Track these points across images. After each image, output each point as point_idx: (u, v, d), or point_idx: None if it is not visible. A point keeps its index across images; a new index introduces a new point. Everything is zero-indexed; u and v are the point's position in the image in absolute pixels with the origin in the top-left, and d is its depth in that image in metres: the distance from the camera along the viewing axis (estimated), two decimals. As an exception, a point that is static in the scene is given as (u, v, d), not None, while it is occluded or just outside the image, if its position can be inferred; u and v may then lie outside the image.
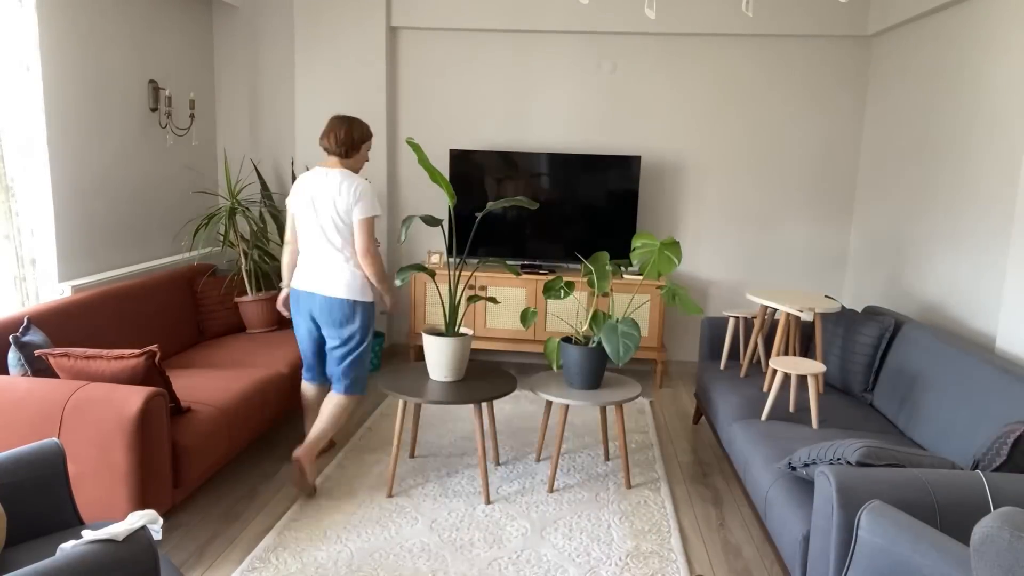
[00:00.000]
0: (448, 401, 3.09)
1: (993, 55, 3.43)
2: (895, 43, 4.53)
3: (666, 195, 5.21)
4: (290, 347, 3.91)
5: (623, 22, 4.93)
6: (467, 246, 3.83)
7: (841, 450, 2.20)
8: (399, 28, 5.17)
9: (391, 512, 3.09)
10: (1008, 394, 2.53)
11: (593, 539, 2.93)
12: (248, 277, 4.24)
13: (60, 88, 3.54)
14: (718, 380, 3.71)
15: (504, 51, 5.14)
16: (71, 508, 2.05)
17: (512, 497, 3.26)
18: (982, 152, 3.47)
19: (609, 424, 4.15)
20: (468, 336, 3.28)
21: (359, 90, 5.12)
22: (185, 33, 4.67)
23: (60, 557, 1.40)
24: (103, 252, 3.93)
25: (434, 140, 5.29)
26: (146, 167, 4.28)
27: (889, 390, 3.27)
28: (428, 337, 3.25)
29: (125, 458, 2.51)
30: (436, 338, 3.23)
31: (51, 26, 3.47)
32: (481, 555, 2.79)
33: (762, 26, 4.85)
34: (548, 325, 4.98)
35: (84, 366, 2.71)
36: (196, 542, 2.84)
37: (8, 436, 2.58)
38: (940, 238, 3.83)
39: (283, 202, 5.28)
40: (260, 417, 3.36)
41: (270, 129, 5.22)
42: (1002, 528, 1.38)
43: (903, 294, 4.23)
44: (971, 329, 3.48)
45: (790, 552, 2.35)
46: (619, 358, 3.17)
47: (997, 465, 2.15)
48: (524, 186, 5.06)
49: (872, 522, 1.75)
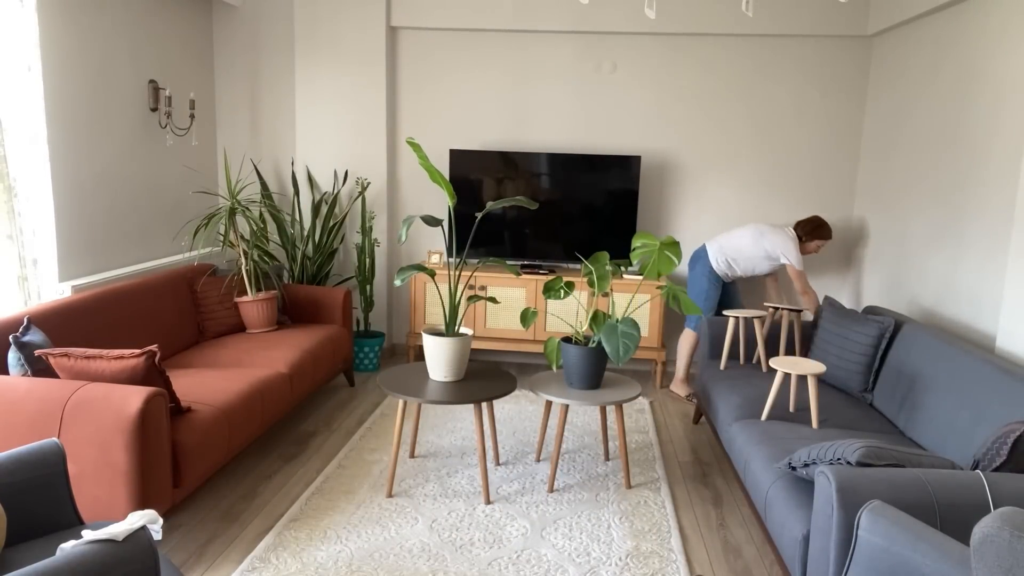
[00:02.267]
0: (448, 401, 3.09)
1: (993, 55, 3.43)
2: (895, 43, 4.53)
3: (666, 195, 5.21)
4: (290, 347, 3.91)
5: (623, 22, 4.94)
6: (467, 246, 3.83)
7: (841, 450, 2.20)
8: (399, 28, 5.17)
9: (391, 512, 3.09)
10: (1008, 394, 2.54)
11: (593, 539, 2.93)
12: (248, 277, 4.24)
13: (61, 88, 3.54)
14: (718, 380, 3.71)
15: (504, 51, 5.14)
16: (71, 508, 2.05)
17: (512, 497, 3.26)
18: (982, 152, 3.47)
19: (609, 424, 4.15)
20: (468, 336, 3.28)
21: (359, 90, 5.12)
22: (185, 33, 4.67)
23: (60, 557, 1.40)
24: (103, 252, 3.93)
25: (434, 140, 5.29)
26: (146, 167, 4.28)
27: (889, 390, 3.27)
28: (428, 337, 3.25)
29: (125, 458, 2.51)
30: (436, 338, 3.23)
31: (51, 26, 3.47)
32: (481, 555, 2.79)
33: (762, 26, 4.85)
34: (548, 325, 4.99)
35: (84, 366, 2.71)
36: (196, 542, 2.84)
37: (8, 436, 2.58)
38: (940, 238, 3.83)
39: (283, 202, 5.29)
40: (260, 417, 3.36)
41: (270, 129, 5.22)
42: (1002, 528, 1.38)
43: (903, 294, 4.23)
44: (971, 329, 3.48)
45: (790, 552, 2.35)
46: (619, 358, 3.17)
47: (997, 465, 2.15)
48: (524, 186, 5.06)
49: (872, 522, 1.75)
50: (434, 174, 3.22)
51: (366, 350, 5.04)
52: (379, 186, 5.25)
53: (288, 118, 5.22)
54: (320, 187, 5.28)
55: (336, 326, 4.47)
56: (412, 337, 5.12)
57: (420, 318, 5.08)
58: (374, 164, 5.22)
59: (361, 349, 5.03)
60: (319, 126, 5.20)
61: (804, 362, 3.18)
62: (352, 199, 5.26)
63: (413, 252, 5.45)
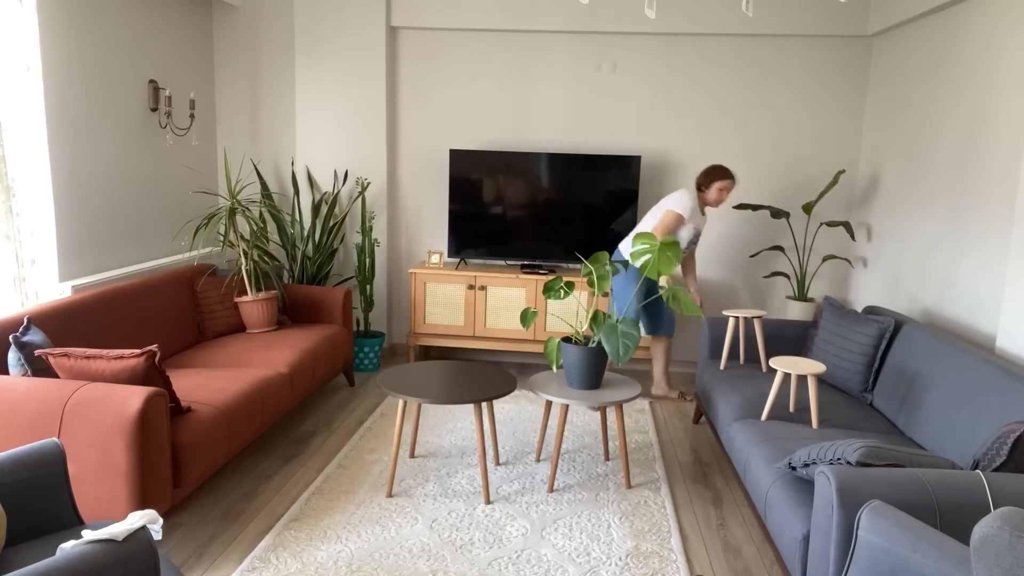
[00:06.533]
0: (448, 401, 3.09)
1: (992, 55, 3.43)
2: (895, 43, 4.53)
3: (666, 195, 5.21)
4: (290, 347, 3.91)
5: (623, 22, 4.94)
6: (465, 246, 3.83)
7: (841, 450, 2.20)
8: (399, 28, 5.17)
9: (391, 512, 3.09)
10: (1008, 394, 2.53)
11: (593, 539, 2.93)
12: (248, 277, 4.24)
13: (60, 88, 3.54)
14: (718, 380, 3.71)
15: (504, 51, 5.14)
16: (71, 508, 2.05)
17: (512, 497, 3.26)
18: (982, 152, 3.47)
19: (609, 424, 4.15)
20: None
21: (359, 90, 5.12)
22: (185, 33, 4.67)
23: (60, 557, 1.40)
24: (103, 252, 3.93)
25: (434, 140, 5.29)
26: (146, 167, 4.28)
27: (889, 390, 3.27)
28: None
29: (125, 458, 2.51)
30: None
31: (51, 26, 3.47)
32: (481, 555, 2.79)
33: (762, 26, 4.85)
34: (548, 325, 4.98)
35: (84, 366, 2.71)
36: (196, 542, 2.84)
37: (8, 436, 2.58)
38: (940, 238, 3.83)
39: (283, 202, 5.29)
40: (260, 417, 3.36)
41: (270, 129, 5.22)
42: (1002, 528, 1.38)
43: (903, 294, 4.23)
44: (971, 329, 3.48)
45: (790, 552, 2.35)
46: (619, 358, 3.17)
47: (997, 465, 2.15)
48: (524, 186, 5.06)
49: (872, 522, 1.75)
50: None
51: (366, 350, 5.04)
52: (379, 186, 5.25)
53: (288, 118, 5.22)
54: (320, 187, 5.28)
55: (336, 326, 4.47)
56: (412, 337, 5.12)
57: (420, 318, 5.07)
58: (374, 164, 5.22)
59: (361, 349, 5.03)
60: (319, 126, 5.20)
61: (804, 362, 3.18)
62: (352, 199, 5.26)
63: (413, 252, 5.45)
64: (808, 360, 3.20)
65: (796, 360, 3.21)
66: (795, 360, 3.21)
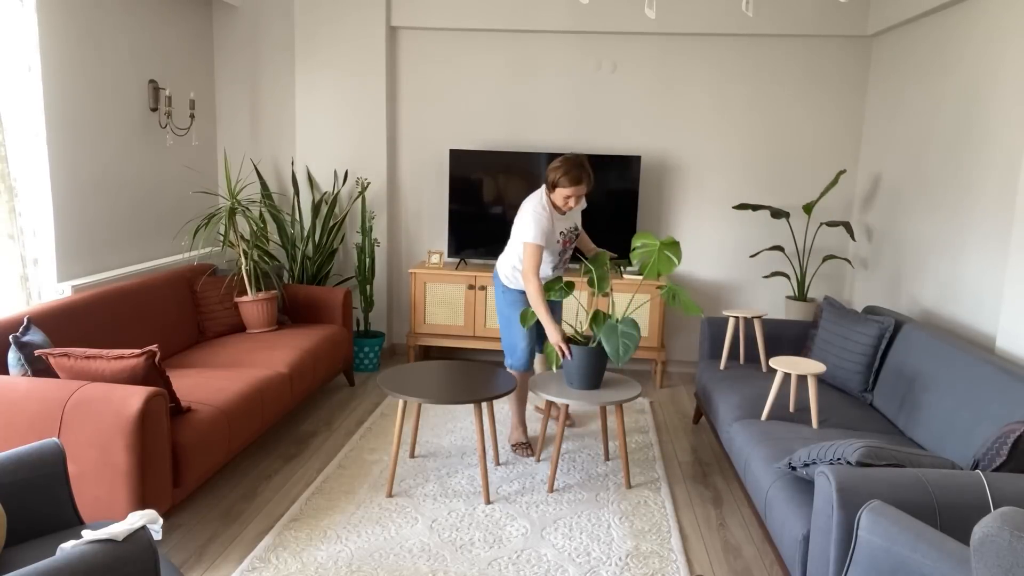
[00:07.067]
0: (448, 401, 3.09)
1: (992, 55, 3.43)
2: (895, 43, 4.53)
3: (666, 195, 5.21)
4: (290, 347, 3.91)
5: (623, 22, 4.93)
6: (465, 246, 3.83)
7: (841, 450, 2.20)
8: (399, 28, 5.17)
9: (391, 512, 3.09)
10: (1008, 394, 2.53)
11: (593, 539, 2.93)
12: (248, 277, 4.24)
13: (60, 88, 3.54)
14: (718, 380, 3.71)
15: (504, 51, 5.14)
16: (71, 508, 2.05)
17: (512, 497, 3.26)
18: (982, 152, 3.47)
19: (609, 424, 4.14)
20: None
21: (359, 90, 5.12)
22: (185, 33, 4.67)
23: (60, 557, 1.40)
24: (103, 252, 3.93)
25: (434, 140, 5.29)
26: (146, 167, 4.28)
27: (889, 390, 3.27)
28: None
29: (125, 458, 2.51)
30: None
31: (51, 26, 3.47)
32: (481, 555, 2.79)
33: (762, 26, 4.85)
34: (548, 325, 4.98)
35: (84, 366, 2.71)
36: (196, 542, 2.84)
37: (8, 436, 2.58)
38: (940, 238, 3.83)
39: (283, 202, 5.29)
40: (260, 417, 3.36)
41: (270, 129, 5.22)
42: (1002, 528, 1.38)
43: (903, 294, 4.23)
44: (971, 329, 3.48)
45: (790, 552, 2.35)
46: (619, 358, 3.16)
47: (997, 465, 2.15)
48: (524, 186, 5.06)
49: (872, 522, 1.75)
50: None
51: (366, 350, 5.04)
52: (379, 186, 5.25)
53: (288, 118, 5.22)
54: (320, 187, 5.28)
55: (336, 326, 4.47)
56: (412, 337, 5.12)
57: (420, 318, 5.07)
58: (374, 164, 5.21)
59: (361, 349, 5.03)
60: (319, 126, 5.20)
61: (804, 362, 3.18)
62: (352, 199, 5.26)
63: (413, 252, 5.45)
64: (808, 360, 3.20)
65: (796, 360, 3.21)
66: (795, 360, 3.21)
